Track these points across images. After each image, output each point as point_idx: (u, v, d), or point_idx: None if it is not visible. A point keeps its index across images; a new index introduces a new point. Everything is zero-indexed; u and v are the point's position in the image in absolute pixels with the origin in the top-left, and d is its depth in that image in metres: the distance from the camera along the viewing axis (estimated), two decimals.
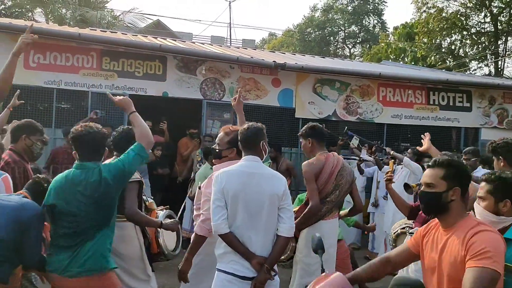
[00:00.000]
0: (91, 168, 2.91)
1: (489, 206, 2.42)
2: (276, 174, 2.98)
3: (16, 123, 3.99)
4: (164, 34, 17.58)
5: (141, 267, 3.53)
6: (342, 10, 33.13)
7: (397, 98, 8.91)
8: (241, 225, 2.82)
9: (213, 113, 7.92)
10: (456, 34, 20.87)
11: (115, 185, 2.91)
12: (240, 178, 2.84)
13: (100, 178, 2.86)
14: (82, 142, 2.95)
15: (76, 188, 2.86)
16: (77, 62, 7.10)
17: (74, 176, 2.90)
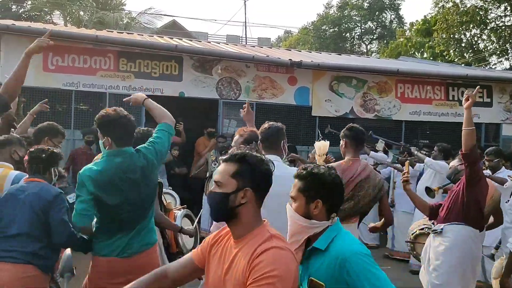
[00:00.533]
0: (130, 152, 2.86)
1: (300, 207, 2.04)
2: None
3: (39, 126, 4.07)
4: (179, 34, 17.68)
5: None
6: (358, 7, 32.81)
7: (415, 95, 8.78)
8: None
9: (229, 113, 7.93)
10: (475, 28, 20.47)
11: (158, 165, 2.98)
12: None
13: (147, 161, 2.88)
14: (117, 126, 2.83)
15: (126, 175, 2.79)
16: (95, 63, 7.18)
17: (119, 163, 2.80)
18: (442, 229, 3.65)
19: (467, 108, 3.57)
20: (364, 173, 3.66)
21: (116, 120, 2.84)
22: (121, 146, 2.84)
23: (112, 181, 2.75)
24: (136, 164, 2.83)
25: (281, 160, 2.96)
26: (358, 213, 3.77)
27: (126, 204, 2.79)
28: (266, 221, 1.94)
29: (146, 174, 2.87)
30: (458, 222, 3.58)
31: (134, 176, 2.81)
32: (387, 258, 7.04)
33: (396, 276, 6.13)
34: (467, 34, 20.83)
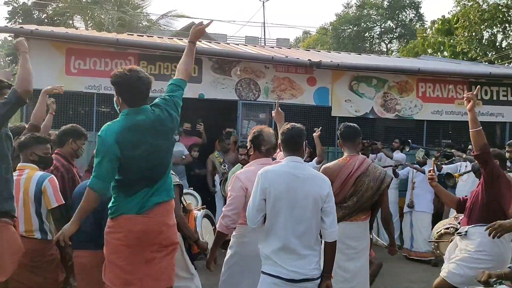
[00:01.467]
0: (149, 109, 2.86)
1: None
2: (319, 176, 2.94)
3: (62, 128, 4.14)
4: None
5: (183, 266, 3.60)
6: (377, 6, 32.48)
7: (437, 94, 8.65)
8: (283, 227, 2.80)
9: (249, 113, 7.94)
10: (498, 26, 20.05)
11: (177, 120, 3.01)
12: (285, 179, 2.82)
13: (170, 115, 2.91)
14: (128, 87, 2.83)
15: (150, 130, 2.80)
16: (116, 66, 7.25)
17: (142, 120, 2.80)
18: (466, 232, 3.59)
19: (470, 110, 3.53)
20: (362, 167, 3.70)
21: (128, 81, 2.82)
22: (132, 105, 2.84)
23: (136, 138, 2.76)
24: (158, 118, 2.85)
25: (303, 161, 2.94)
26: (364, 208, 3.73)
27: (149, 159, 2.79)
28: None
29: (168, 127, 2.90)
30: (481, 223, 3.51)
31: (158, 130, 2.83)
32: (405, 259, 6.96)
33: (418, 277, 6.06)
34: (489, 32, 20.44)
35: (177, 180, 3.54)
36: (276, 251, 2.79)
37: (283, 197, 2.79)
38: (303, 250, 2.77)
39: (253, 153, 3.41)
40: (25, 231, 3.40)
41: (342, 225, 3.69)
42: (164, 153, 2.90)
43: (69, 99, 7.04)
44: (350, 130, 3.80)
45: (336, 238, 2.84)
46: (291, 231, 2.78)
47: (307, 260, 2.78)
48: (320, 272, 2.83)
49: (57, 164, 3.90)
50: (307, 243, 2.79)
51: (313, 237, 2.82)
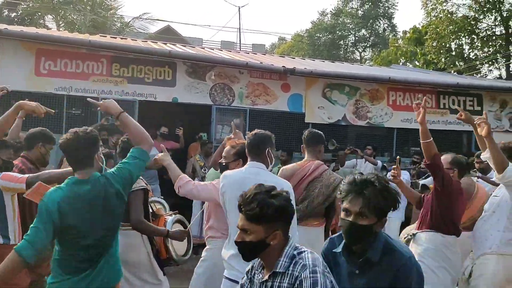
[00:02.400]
0: (96, 178, 2.63)
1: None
2: (279, 182, 2.85)
3: (30, 131, 4.02)
4: (174, 40, 17.70)
5: (151, 272, 3.56)
6: (352, 14, 33.07)
7: (407, 102, 8.85)
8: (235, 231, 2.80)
9: (223, 118, 7.93)
10: (466, 38, 20.71)
11: (125, 194, 2.73)
12: (241, 185, 2.78)
13: (115, 189, 2.65)
14: (68, 150, 2.63)
15: (94, 203, 2.58)
16: (87, 68, 7.16)
17: (87, 191, 2.58)
18: (414, 235, 3.69)
19: (421, 123, 3.57)
20: (315, 172, 3.80)
21: (66, 144, 2.60)
22: (76, 169, 2.63)
23: (79, 210, 2.54)
24: (103, 192, 2.61)
25: (265, 167, 2.93)
26: (315, 214, 3.79)
27: (92, 234, 2.57)
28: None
29: (113, 202, 2.64)
30: (430, 229, 3.62)
31: (101, 205, 2.59)
32: None
33: None
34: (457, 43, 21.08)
35: (143, 184, 3.50)
36: (233, 255, 2.79)
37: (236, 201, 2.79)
38: None
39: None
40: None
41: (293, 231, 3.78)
42: (109, 226, 2.66)
43: (38, 100, 6.81)
44: (314, 136, 3.93)
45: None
46: None
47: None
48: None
49: (23, 167, 3.76)
50: None
51: None
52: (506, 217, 3.45)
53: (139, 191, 3.43)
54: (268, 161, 2.95)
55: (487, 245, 3.45)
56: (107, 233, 2.67)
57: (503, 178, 3.35)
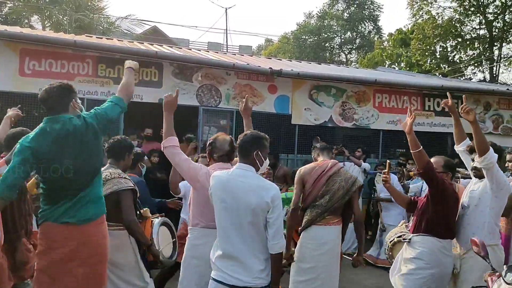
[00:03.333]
0: (67, 118, 2.91)
1: None
2: (264, 186, 2.80)
3: (11, 131, 3.93)
4: (161, 41, 17.60)
5: (137, 274, 3.54)
6: (338, 17, 33.28)
7: (392, 104, 8.94)
8: (224, 234, 2.80)
9: (209, 120, 7.92)
10: (450, 40, 20.99)
11: (100, 131, 3.01)
12: (226, 186, 2.80)
13: (87, 124, 2.93)
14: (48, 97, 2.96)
15: (67, 140, 2.85)
16: (73, 69, 7.09)
17: (58, 129, 2.87)
18: (410, 239, 3.71)
19: (409, 133, 3.65)
20: (334, 168, 4.03)
21: (46, 92, 2.97)
22: (55, 114, 2.92)
23: (53, 148, 2.81)
24: (76, 128, 2.88)
25: (253, 170, 2.86)
26: (335, 210, 3.90)
27: (68, 169, 2.84)
28: None
29: (86, 137, 2.91)
30: (425, 233, 3.65)
31: (75, 140, 2.87)
32: (371, 266, 7.09)
33: (374, 283, 6.21)
34: (442, 46, 21.34)
35: (131, 184, 3.49)
36: (219, 257, 2.80)
37: (224, 203, 2.78)
38: (244, 258, 2.72)
39: (209, 160, 3.46)
40: None
41: (313, 230, 3.90)
42: (86, 161, 2.93)
43: (23, 101, 6.78)
44: (325, 146, 4.38)
45: (280, 251, 2.76)
46: (231, 238, 2.76)
47: (249, 268, 2.72)
48: (266, 282, 2.75)
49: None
50: (248, 252, 2.73)
51: (254, 246, 2.75)
52: (489, 208, 3.51)
53: (128, 191, 3.42)
54: (257, 163, 2.87)
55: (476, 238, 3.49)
56: (85, 168, 2.91)
57: (484, 160, 3.41)
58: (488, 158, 3.41)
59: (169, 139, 3.41)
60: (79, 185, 2.90)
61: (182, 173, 3.41)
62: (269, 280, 2.77)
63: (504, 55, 21.01)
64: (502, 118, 9.55)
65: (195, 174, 3.30)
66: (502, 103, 9.59)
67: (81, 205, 2.90)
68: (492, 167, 3.42)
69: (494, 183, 3.47)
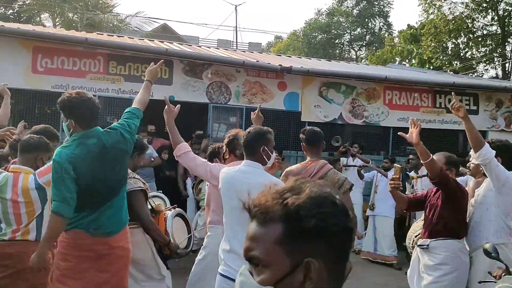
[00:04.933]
0: (101, 131, 2.92)
1: None
2: (270, 183, 2.80)
3: (34, 129, 3.94)
4: (170, 38, 17.67)
5: (155, 268, 3.61)
6: (347, 13, 33.10)
7: (403, 101, 8.88)
8: (230, 229, 2.83)
9: (219, 117, 7.95)
10: (462, 37, 20.78)
11: (132, 143, 3.11)
12: (233, 183, 2.83)
13: (124, 138, 2.99)
14: (81, 108, 2.88)
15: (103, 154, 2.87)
16: (84, 66, 7.15)
17: (94, 144, 2.87)
18: (428, 245, 3.64)
19: (416, 144, 3.56)
20: (321, 172, 3.71)
21: (79, 102, 2.88)
22: (85, 128, 2.89)
23: (90, 164, 2.82)
24: (112, 141, 2.91)
25: (260, 166, 2.87)
26: None
27: (101, 181, 2.86)
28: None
29: (121, 152, 2.97)
30: (443, 237, 3.59)
31: (111, 155, 2.90)
32: (369, 262, 7.10)
33: (383, 281, 6.19)
34: (454, 42, 21.13)
35: (141, 185, 3.52)
36: (226, 251, 2.83)
37: (230, 199, 2.81)
38: None
39: (229, 156, 3.46)
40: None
41: None
42: (113, 174, 2.95)
43: (35, 98, 6.89)
44: (314, 134, 3.81)
45: None
46: (236, 233, 2.78)
47: None
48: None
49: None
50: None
51: None
52: (494, 206, 3.45)
53: (139, 192, 3.46)
54: (264, 159, 2.88)
55: (482, 237, 3.45)
56: (115, 177, 2.95)
57: (479, 156, 3.35)
58: (483, 153, 3.33)
59: (178, 147, 3.44)
60: (108, 195, 2.94)
61: (203, 177, 3.45)
62: None
63: None
64: None
65: (214, 175, 3.28)
66: None
67: (109, 215, 2.93)
68: (489, 163, 3.33)
69: (495, 179, 3.39)
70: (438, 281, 3.57)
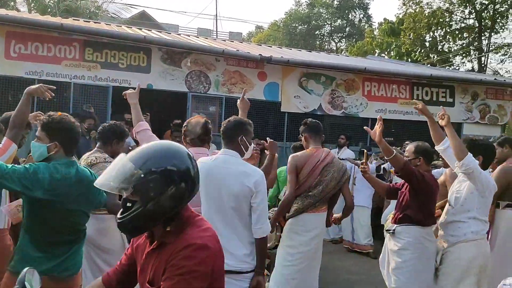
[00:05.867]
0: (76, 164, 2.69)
1: None
2: (247, 172, 2.78)
3: (5, 114, 3.83)
4: (149, 26, 17.39)
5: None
6: (328, 5, 33.15)
7: (381, 93, 8.96)
8: (208, 219, 2.78)
9: (198, 106, 7.87)
10: (440, 30, 21.05)
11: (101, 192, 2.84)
12: (210, 172, 2.79)
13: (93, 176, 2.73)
14: (71, 133, 2.64)
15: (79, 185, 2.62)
16: (59, 52, 6.98)
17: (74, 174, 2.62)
18: (394, 230, 3.77)
19: (379, 142, 3.69)
20: (328, 158, 3.99)
21: (72, 127, 2.64)
22: (69, 153, 2.66)
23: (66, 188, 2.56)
24: (88, 178, 2.68)
25: (238, 155, 2.86)
26: (326, 198, 3.95)
27: (76, 215, 2.64)
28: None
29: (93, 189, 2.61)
30: (408, 223, 3.71)
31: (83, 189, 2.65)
32: (347, 252, 7.20)
33: (358, 269, 6.29)
34: (431, 35, 21.41)
35: None
36: None
37: (206, 189, 2.78)
38: (228, 243, 2.68)
39: (185, 144, 3.43)
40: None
41: (303, 217, 3.92)
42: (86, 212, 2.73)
43: (9, 84, 6.69)
44: (317, 124, 4.14)
45: (264, 235, 2.78)
46: (215, 223, 2.68)
47: (234, 253, 2.72)
48: (251, 266, 2.78)
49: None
50: (232, 237, 2.74)
51: (238, 231, 2.77)
52: (475, 207, 3.53)
53: None
54: (242, 148, 2.88)
55: (460, 234, 3.53)
56: (85, 218, 2.73)
57: (463, 165, 3.39)
58: (465, 164, 3.36)
59: (139, 124, 3.43)
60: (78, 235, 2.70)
61: None
62: (254, 264, 2.79)
63: (492, 45, 21.13)
64: (489, 108, 9.64)
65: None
66: (489, 93, 9.67)
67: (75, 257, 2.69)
68: (472, 172, 3.38)
69: (479, 185, 3.46)
70: (402, 266, 3.70)
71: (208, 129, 3.40)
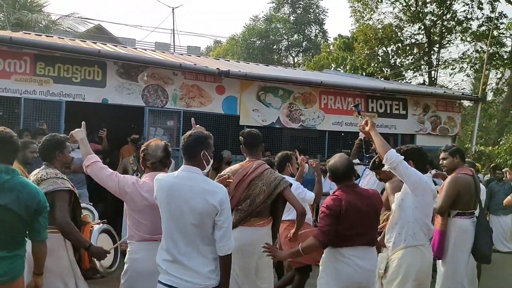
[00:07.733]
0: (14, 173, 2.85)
1: None
2: (211, 190, 2.73)
3: None
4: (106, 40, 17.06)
5: (70, 283, 3.28)
6: (285, 20, 33.74)
7: (338, 106, 9.15)
8: (169, 237, 2.73)
9: (155, 120, 7.76)
10: (391, 45, 21.83)
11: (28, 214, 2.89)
12: (170, 190, 2.72)
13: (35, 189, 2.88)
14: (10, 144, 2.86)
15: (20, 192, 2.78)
16: (9, 67, 6.72)
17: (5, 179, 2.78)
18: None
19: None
20: (256, 171, 3.85)
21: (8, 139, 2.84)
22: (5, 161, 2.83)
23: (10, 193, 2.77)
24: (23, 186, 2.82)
25: (200, 171, 2.80)
26: (258, 213, 3.83)
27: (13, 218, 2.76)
28: None
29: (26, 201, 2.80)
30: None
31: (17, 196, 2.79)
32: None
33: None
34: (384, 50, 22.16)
35: (69, 185, 3.30)
36: (168, 261, 2.72)
37: (168, 207, 2.71)
38: (190, 261, 2.67)
39: (144, 168, 3.35)
40: None
41: (238, 230, 3.74)
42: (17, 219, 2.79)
43: None
44: (253, 136, 4.02)
45: (228, 252, 2.71)
46: (176, 242, 2.70)
47: (197, 270, 2.68)
48: (217, 282, 2.73)
49: None
50: (194, 254, 2.69)
51: (200, 248, 2.71)
52: (411, 208, 3.51)
53: (64, 192, 3.21)
54: (204, 164, 2.81)
55: (401, 238, 3.52)
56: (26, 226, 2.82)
57: (387, 160, 3.42)
58: (388, 158, 3.39)
59: (88, 157, 3.32)
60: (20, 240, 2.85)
61: (109, 188, 3.24)
62: (219, 279, 2.74)
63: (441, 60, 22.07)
64: (439, 119, 10.03)
65: (122, 187, 3.17)
66: (440, 105, 10.08)
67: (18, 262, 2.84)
68: (397, 166, 3.38)
69: (407, 181, 3.46)
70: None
71: (169, 152, 3.35)
